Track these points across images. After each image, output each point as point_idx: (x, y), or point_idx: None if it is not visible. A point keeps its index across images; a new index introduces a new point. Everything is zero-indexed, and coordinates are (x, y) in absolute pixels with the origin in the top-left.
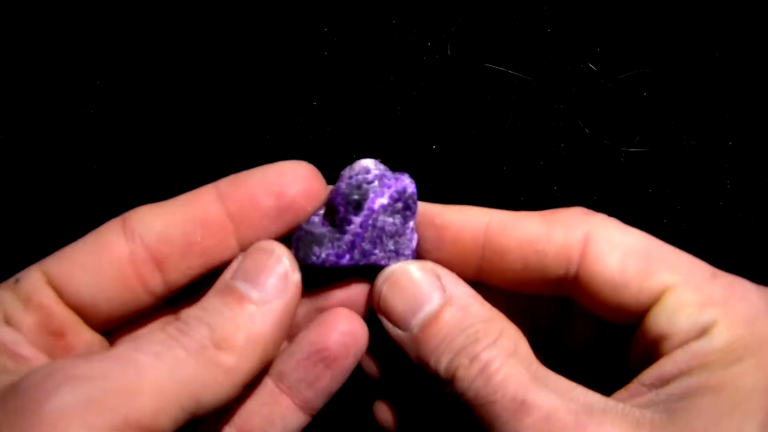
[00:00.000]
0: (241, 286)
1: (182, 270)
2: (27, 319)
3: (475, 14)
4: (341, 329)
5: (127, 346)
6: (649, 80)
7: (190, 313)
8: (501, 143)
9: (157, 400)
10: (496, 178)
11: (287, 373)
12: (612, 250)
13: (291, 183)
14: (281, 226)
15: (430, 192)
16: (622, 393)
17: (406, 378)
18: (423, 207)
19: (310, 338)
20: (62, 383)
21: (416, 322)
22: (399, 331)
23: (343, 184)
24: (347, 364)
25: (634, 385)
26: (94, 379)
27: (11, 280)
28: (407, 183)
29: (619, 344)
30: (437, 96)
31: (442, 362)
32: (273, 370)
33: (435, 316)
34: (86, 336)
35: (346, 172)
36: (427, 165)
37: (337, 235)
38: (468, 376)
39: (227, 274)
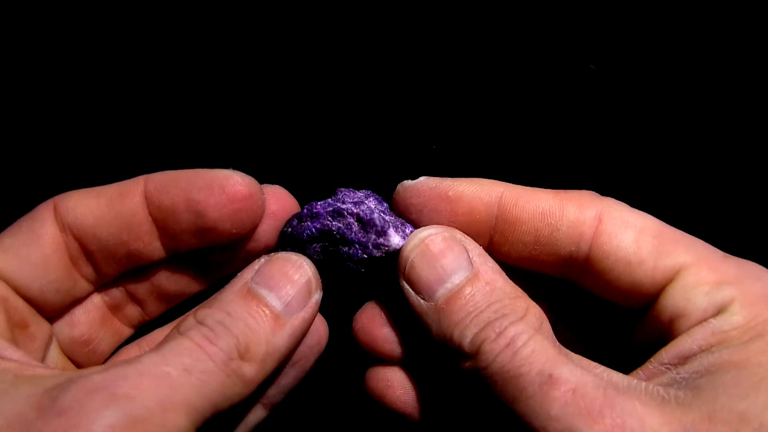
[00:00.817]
0: (266, 295)
1: (112, 266)
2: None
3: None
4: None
5: (155, 358)
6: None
7: (214, 316)
8: (500, 142)
9: (188, 417)
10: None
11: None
12: (626, 229)
13: (214, 204)
14: (206, 242)
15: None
16: (638, 373)
17: (419, 356)
18: (436, 181)
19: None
20: (106, 404)
21: (442, 292)
22: (422, 302)
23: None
24: (309, 363)
25: (651, 365)
26: (133, 398)
27: None
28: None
29: (622, 329)
30: (436, 96)
31: (467, 335)
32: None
33: (461, 288)
34: (43, 325)
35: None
36: (426, 166)
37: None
38: (494, 350)
39: (248, 274)
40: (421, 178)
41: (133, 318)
